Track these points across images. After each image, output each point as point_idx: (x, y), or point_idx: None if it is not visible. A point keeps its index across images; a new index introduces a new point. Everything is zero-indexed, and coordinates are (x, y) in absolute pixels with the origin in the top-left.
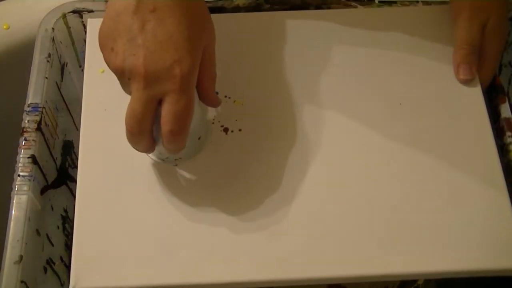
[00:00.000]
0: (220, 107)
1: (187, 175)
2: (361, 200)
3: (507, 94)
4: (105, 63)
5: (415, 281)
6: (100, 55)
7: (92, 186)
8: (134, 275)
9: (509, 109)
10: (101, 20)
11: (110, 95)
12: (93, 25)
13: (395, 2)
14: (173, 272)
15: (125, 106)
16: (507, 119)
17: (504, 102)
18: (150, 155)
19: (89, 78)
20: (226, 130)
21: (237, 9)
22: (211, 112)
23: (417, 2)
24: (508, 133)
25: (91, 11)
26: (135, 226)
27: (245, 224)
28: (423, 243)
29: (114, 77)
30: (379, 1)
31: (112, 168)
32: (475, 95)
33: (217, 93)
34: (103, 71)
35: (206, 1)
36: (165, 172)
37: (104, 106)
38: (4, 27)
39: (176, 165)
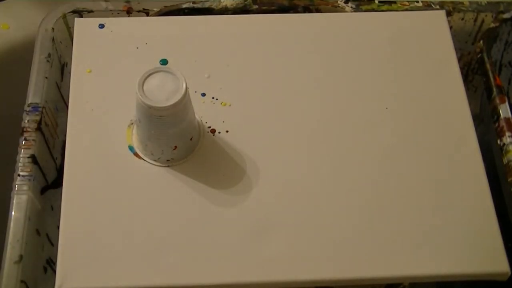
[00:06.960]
0: (207, 108)
1: (178, 176)
2: (346, 203)
3: (507, 94)
4: (92, 63)
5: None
6: (87, 54)
7: (79, 186)
8: (120, 275)
9: (509, 109)
10: (89, 19)
11: (97, 95)
12: (80, 24)
13: (394, 2)
14: (160, 274)
15: (112, 107)
16: (507, 119)
17: (504, 102)
18: (142, 155)
19: (76, 78)
20: (213, 131)
21: (225, 9)
22: (198, 113)
23: (417, 2)
24: (508, 133)
25: (91, 11)
26: (123, 226)
27: (234, 225)
28: (407, 247)
29: (101, 77)
30: (379, 1)
31: (99, 168)
32: (460, 99)
33: (204, 94)
34: (90, 71)
35: (193, 1)
36: (152, 172)
37: (90, 106)
38: (4, 27)
39: (168, 166)
